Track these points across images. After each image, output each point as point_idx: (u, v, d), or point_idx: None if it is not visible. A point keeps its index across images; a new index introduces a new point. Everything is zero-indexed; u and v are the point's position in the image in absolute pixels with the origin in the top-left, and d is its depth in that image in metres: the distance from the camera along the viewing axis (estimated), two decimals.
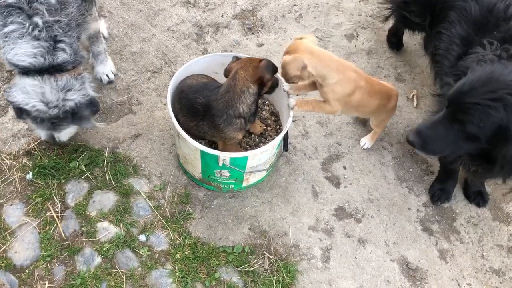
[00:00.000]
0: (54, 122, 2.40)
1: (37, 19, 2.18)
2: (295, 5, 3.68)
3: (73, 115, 2.41)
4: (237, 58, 2.49)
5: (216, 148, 2.62)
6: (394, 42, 3.46)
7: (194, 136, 2.47)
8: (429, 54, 2.83)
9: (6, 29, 2.19)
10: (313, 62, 2.32)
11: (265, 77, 2.38)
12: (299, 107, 2.50)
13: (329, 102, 2.46)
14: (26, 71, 2.26)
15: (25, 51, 2.21)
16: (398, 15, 3.13)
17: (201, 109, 2.46)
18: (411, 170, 2.98)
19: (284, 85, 2.52)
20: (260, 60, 2.41)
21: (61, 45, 2.28)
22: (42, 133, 2.55)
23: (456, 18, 2.49)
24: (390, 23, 3.50)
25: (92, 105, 2.47)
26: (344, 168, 2.93)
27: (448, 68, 2.49)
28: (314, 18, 3.62)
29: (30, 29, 2.18)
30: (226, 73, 2.46)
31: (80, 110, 2.42)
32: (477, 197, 2.85)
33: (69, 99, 2.35)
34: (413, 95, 3.27)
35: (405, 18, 2.98)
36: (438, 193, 2.82)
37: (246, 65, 2.39)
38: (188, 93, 2.52)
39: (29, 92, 2.28)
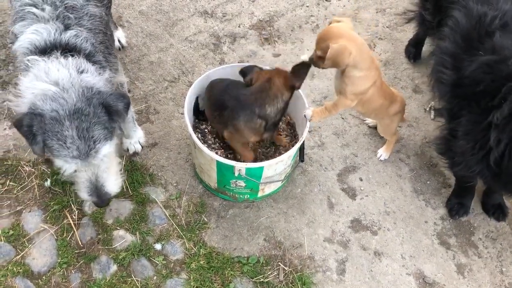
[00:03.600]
0: (82, 127, 1.85)
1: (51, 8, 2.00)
2: (312, 15, 3.69)
3: (106, 108, 1.93)
4: (259, 68, 2.52)
5: (232, 157, 2.63)
6: (412, 52, 3.44)
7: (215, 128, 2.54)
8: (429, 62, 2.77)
9: (21, 23, 2.04)
10: (355, 52, 2.25)
11: (296, 85, 2.43)
12: (316, 116, 2.51)
13: (345, 94, 2.43)
14: (30, 53, 1.97)
15: (30, 31, 1.98)
16: (419, 15, 3.08)
17: (227, 100, 2.45)
18: (428, 182, 2.95)
19: (306, 111, 2.53)
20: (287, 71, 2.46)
21: (72, 31, 2.00)
22: (70, 166, 1.94)
23: (450, 29, 2.38)
24: (408, 33, 3.49)
25: (123, 97, 2.02)
26: (361, 179, 2.92)
27: (444, 94, 2.44)
28: None
29: (41, 16, 2.01)
30: (250, 81, 2.46)
31: (112, 101, 1.93)
32: (497, 211, 2.80)
33: (87, 80, 1.91)
34: (430, 107, 3.24)
35: (422, 16, 2.95)
36: (456, 207, 2.78)
37: (279, 74, 2.42)
38: (217, 86, 2.57)
39: (33, 80, 1.89)
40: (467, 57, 2.24)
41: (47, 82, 1.87)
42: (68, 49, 1.99)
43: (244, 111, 2.39)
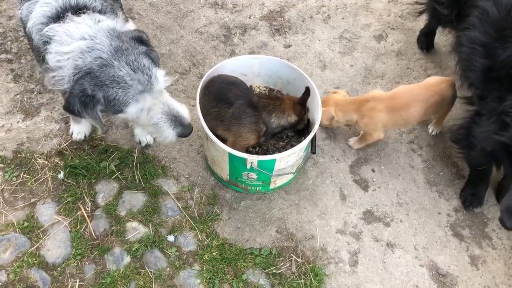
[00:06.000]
0: (130, 60, 1.89)
1: None
2: (323, 6, 3.66)
3: (137, 40, 1.99)
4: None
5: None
6: (425, 42, 3.40)
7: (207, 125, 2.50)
8: (455, 52, 2.76)
9: (26, 3, 2.07)
10: (338, 112, 2.74)
11: (303, 111, 2.57)
12: (356, 145, 2.94)
13: (369, 134, 2.79)
14: (45, 26, 1.98)
15: (39, 6, 2.02)
16: (430, 8, 3.07)
17: (232, 98, 2.48)
18: (441, 173, 2.92)
19: (349, 141, 2.97)
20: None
21: None
22: (144, 104, 1.97)
23: (477, 19, 2.39)
24: (421, 23, 3.45)
25: (141, 31, 2.09)
26: (373, 171, 2.90)
27: (474, 80, 2.44)
28: (343, 19, 3.59)
29: None
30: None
31: (138, 34, 2.02)
32: None
33: (107, 25, 1.97)
34: None
35: (435, 10, 2.93)
36: (470, 198, 2.76)
37: (291, 99, 2.60)
38: (219, 82, 2.58)
39: (59, 48, 1.91)
40: (500, 45, 2.26)
41: (74, 42, 1.89)
42: (79, 9, 2.02)
43: (251, 112, 2.47)
